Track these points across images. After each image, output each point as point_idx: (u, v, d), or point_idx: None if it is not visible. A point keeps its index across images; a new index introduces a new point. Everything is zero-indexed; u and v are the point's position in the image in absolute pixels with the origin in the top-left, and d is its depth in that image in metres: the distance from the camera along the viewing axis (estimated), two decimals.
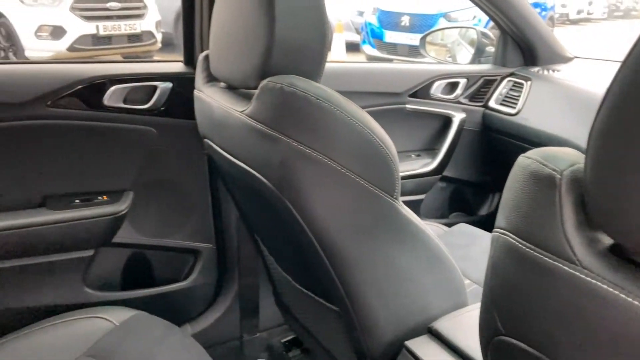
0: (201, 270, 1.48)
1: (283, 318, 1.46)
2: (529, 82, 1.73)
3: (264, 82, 0.85)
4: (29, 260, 1.25)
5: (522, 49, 1.80)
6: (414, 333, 0.97)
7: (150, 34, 6.43)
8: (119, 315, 1.19)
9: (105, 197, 1.31)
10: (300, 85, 0.83)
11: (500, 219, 0.55)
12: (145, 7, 6.38)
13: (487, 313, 0.59)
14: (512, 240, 0.52)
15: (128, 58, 6.39)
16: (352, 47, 7.55)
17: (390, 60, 6.80)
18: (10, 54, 5.79)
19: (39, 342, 1.15)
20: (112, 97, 1.25)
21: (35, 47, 5.67)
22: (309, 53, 0.89)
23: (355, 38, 7.76)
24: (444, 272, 0.99)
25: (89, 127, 1.25)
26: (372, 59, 7.16)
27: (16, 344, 1.15)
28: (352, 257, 0.91)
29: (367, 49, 7.34)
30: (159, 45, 6.61)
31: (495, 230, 0.56)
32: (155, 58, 6.38)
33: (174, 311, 1.30)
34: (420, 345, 0.94)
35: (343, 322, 1.03)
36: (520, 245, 0.51)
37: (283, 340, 1.58)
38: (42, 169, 1.24)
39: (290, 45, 0.86)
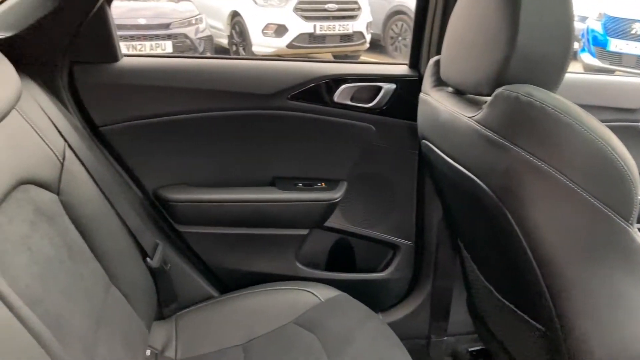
0: (398, 264, 1.54)
1: (474, 327, 1.45)
2: None
3: (499, 90, 0.86)
4: (257, 230, 1.43)
5: None
6: None
7: (360, 35, 6.74)
8: (325, 293, 1.31)
9: (323, 184, 1.44)
10: (538, 95, 0.82)
11: None
12: (359, 8, 6.70)
13: None
14: None
15: (338, 57, 6.79)
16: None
17: (612, 72, 6.14)
18: (241, 49, 6.57)
19: (256, 303, 1.32)
20: (341, 94, 1.37)
21: (261, 43, 6.34)
22: (549, 64, 0.87)
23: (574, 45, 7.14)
24: None
25: (319, 120, 1.38)
26: (590, 68, 6.54)
27: (237, 301, 1.34)
28: (572, 279, 0.87)
29: (586, 57, 6.70)
30: (367, 45, 6.89)
31: None
32: (381, 60, 6.66)
33: (369, 298, 1.38)
34: None
35: (547, 343, 0.99)
36: None
37: (471, 349, 1.57)
38: (275, 153, 1.41)
39: (530, 56, 0.85)
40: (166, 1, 6.27)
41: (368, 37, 6.87)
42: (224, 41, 6.74)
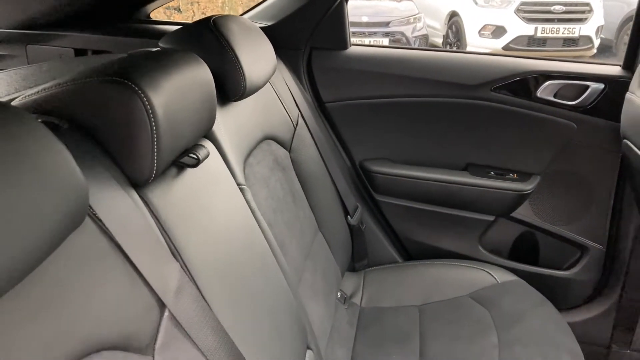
0: (584, 266, 1.53)
1: None
2: None
3: None
4: (446, 209, 1.57)
5: None
6: None
7: (587, 39, 6.23)
8: (502, 276, 1.39)
9: (515, 175, 1.51)
10: None
11: None
12: (590, 11, 6.21)
13: None
14: None
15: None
16: None
17: None
18: (454, 49, 6.61)
19: (436, 273, 1.46)
20: (544, 90, 1.42)
21: (476, 44, 6.29)
22: None
23: None
24: None
25: (519, 113, 1.45)
26: None
27: (420, 268, 1.49)
28: None
29: None
30: (594, 51, 6.36)
31: None
32: (591, 60, 6.17)
33: (548, 294, 1.41)
34: None
35: None
36: None
37: None
38: (472, 140, 1.52)
39: None
40: (389, 0, 6.61)
41: (597, 42, 6.32)
42: (439, 40, 6.85)
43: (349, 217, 1.47)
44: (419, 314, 1.33)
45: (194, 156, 0.77)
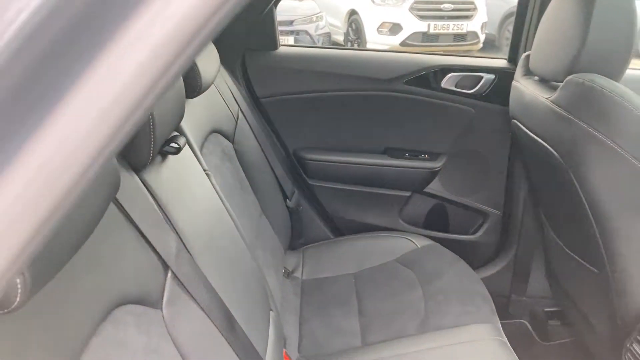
0: (487, 230, 1.81)
1: (550, 289, 1.68)
2: None
3: (569, 77, 1.13)
4: (369, 189, 1.78)
5: None
6: None
7: (474, 35, 6.82)
8: (421, 241, 1.62)
9: (426, 156, 1.75)
10: (599, 82, 1.08)
11: None
12: (475, 8, 6.79)
13: None
14: None
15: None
16: None
17: None
18: (355, 46, 6.93)
19: (365, 245, 1.66)
20: (447, 81, 1.67)
21: (375, 41, 6.65)
22: (614, 58, 1.12)
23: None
24: None
25: (426, 102, 1.69)
26: None
27: (350, 242, 1.69)
28: (619, 228, 1.11)
29: None
30: (481, 45, 6.96)
31: None
32: (483, 55, 6.72)
33: (459, 256, 1.65)
34: None
35: (600, 284, 1.23)
36: None
37: (546, 309, 1.79)
38: (389, 128, 1.74)
39: (597, 51, 1.11)
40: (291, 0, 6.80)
41: (482, 37, 6.93)
42: (340, 38, 7.15)
43: (287, 200, 1.64)
44: (354, 280, 1.52)
45: (176, 145, 0.90)
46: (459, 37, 6.77)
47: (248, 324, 0.95)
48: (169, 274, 0.78)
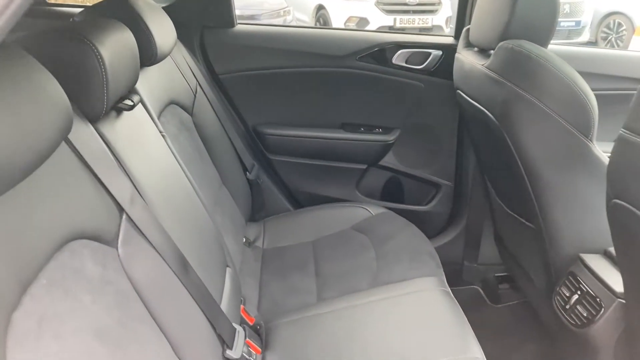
0: (439, 200, 1.91)
1: (499, 255, 1.79)
2: None
3: (500, 43, 1.22)
4: (327, 162, 1.86)
5: None
6: (591, 252, 1.22)
7: (439, 29, 6.97)
8: (375, 210, 1.71)
9: (380, 130, 1.84)
10: (526, 46, 1.17)
11: None
12: (440, 3, 6.94)
13: None
14: None
15: None
16: None
17: None
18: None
19: (323, 215, 1.74)
20: (398, 58, 1.75)
21: None
22: (540, 26, 1.22)
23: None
24: None
25: (379, 78, 1.77)
26: None
27: (309, 213, 1.76)
28: (548, 183, 1.21)
29: None
30: None
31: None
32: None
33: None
34: (593, 259, 1.19)
35: (536, 238, 1.33)
36: None
37: (496, 275, 1.90)
38: (345, 103, 1.82)
39: (525, 19, 1.21)
40: None
41: (447, 31, 7.09)
42: None
43: (247, 173, 1.70)
44: (313, 247, 1.60)
45: (130, 101, 0.96)
46: (425, 31, 6.90)
47: (203, 272, 1.01)
48: (124, 216, 0.84)
